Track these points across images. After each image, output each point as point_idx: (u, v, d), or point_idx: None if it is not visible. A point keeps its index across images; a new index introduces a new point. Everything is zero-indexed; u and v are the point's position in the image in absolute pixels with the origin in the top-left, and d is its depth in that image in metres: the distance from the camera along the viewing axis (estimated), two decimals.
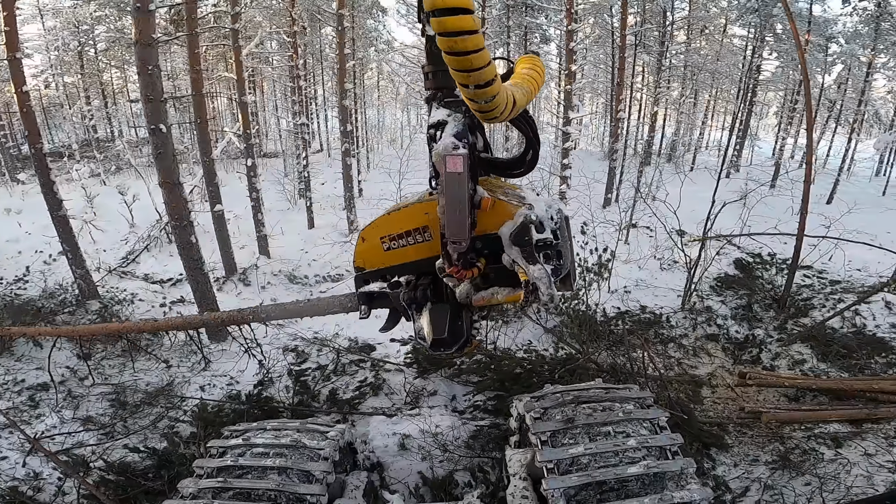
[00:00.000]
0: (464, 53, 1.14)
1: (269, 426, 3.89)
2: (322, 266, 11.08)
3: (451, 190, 1.62)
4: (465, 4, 1.11)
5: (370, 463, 5.08)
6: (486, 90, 1.23)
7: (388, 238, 1.91)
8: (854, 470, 5.38)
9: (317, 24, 21.42)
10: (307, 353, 7.44)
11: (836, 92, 25.75)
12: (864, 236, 10.57)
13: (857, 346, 7.82)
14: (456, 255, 1.73)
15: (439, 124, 1.73)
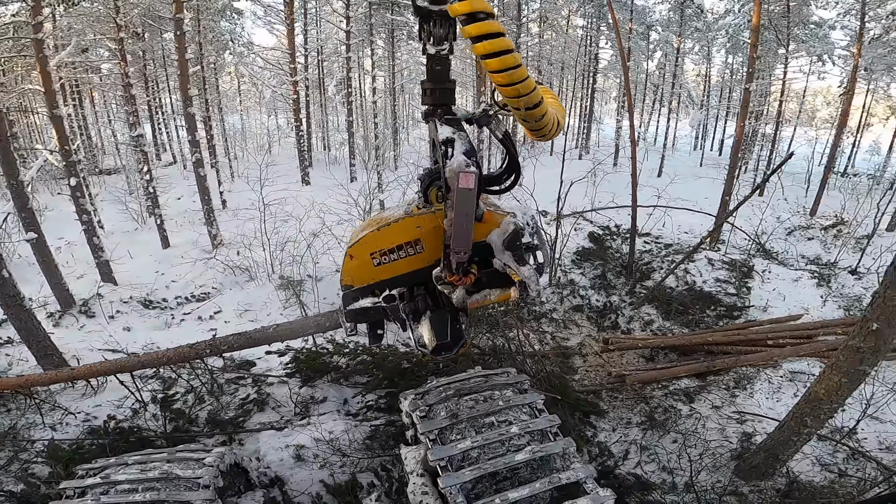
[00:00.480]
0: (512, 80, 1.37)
1: (132, 460, 3.60)
2: (183, 286, 10.08)
3: (461, 205, 1.70)
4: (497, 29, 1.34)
5: (268, 479, 4.89)
6: (535, 111, 1.42)
7: (379, 253, 1.91)
8: (708, 423, 6.24)
9: (156, 28, 19.23)
10: (174, 378, 6.75)
11: (658, 76, 29.63)
12: (686, 203, 12.36)
13: (691, 302, 9.13)
14: (455, 265, 1.83)
15: (449, 142, 1.80)
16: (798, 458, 5.55)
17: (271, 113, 32.04)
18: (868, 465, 5.55)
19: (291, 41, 17.60)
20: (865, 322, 4.01)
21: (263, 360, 7.33)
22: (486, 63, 1.42)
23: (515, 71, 1.41)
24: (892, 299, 3.73)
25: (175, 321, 8.80)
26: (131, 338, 7.98)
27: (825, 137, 26.32)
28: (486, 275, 1.98)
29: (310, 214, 10.07)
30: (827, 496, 5.05)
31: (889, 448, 5.83)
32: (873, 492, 5.07)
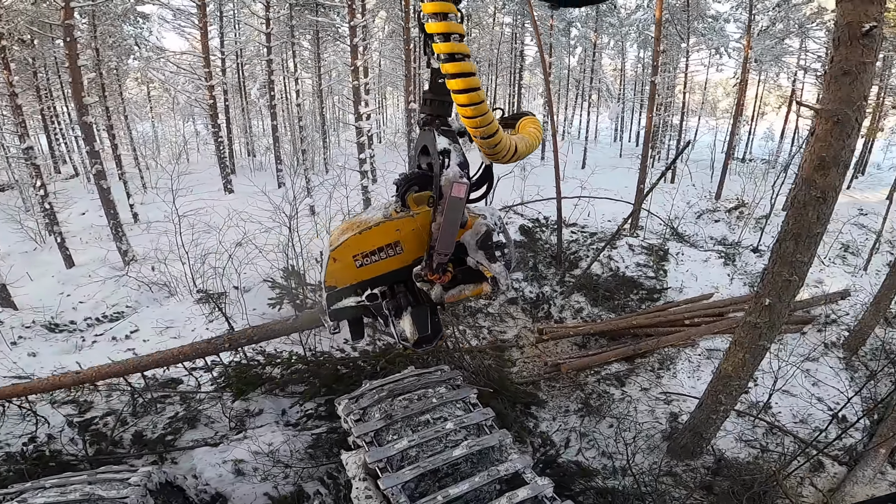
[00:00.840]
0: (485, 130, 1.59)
1: (49, 483, 3.38)
2: (93, 307, 9.34)
3: (451, 212, 1.88)
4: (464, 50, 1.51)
5: (208, 496, 4.76)
6: (498, 151, 1.62)
7: (361, 255, 2.03)
8: (639, 406, 6.57)
9: (46, 35, 17.47)
10: (90, 402, 6.25)
11: (580, 72, 30.99)
12: (608, 192, 13.03)
13: (616, 288, 9.63)
14: (434, 265, 1.99)
15: (446, 152, 1.97)
16: (722, 435, 5.91)
17: (188, 119, 30.19)
18: (786, 438, 6.00)
19: (205, 45, 16.72)
20: (759, 298, 4.34)
21: (190, 377, 7.01)
22: (452, 83, 1.57)
23: (476, 93, 1.58)
24: (779, 275, 4.08)
25: (86, 343, 8.18)
26: (38, 363, 7.35)
27: (726, 126, 28.74)
28: (461, 272, 2.14)
29: (230, 224, 9.59)
30: (752, 471, 5.37)
31: (803, 420, 6.35)
32: (793, 465, 5.43)
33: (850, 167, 3.41)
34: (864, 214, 14.74)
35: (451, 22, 1.55)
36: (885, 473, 5.66)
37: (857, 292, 9.40)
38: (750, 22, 17.20)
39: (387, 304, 2.15)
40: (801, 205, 3.56)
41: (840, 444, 5.95)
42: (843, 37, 2.98)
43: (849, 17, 2.94)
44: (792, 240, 3.76)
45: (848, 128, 3.07)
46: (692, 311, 8.54)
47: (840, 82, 3.01)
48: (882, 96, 19.48)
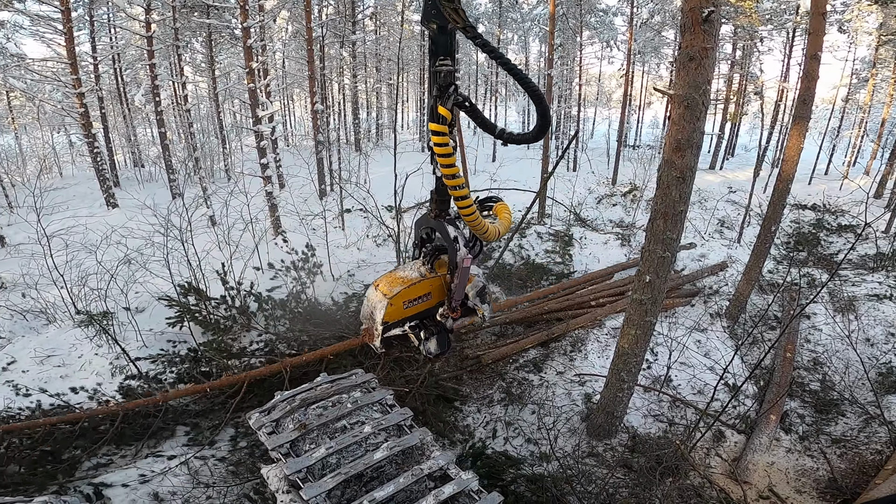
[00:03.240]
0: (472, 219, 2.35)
1: None
2: None
3: (463, 276, 2.70)
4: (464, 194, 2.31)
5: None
6: (480, 231, 2.41)
7: (407, 301, 2.82)
8: (557, 389, 6.81)
9: None
10: None
11: (488, 68, 31.75)
12: (517, 183, 13.51)
13: (528, 275, 10.01)
14: (454, 305, 2.87)
15: (456, 239, 2.71)
16: (633, 410, 6.26)
17: (57, 129, 26.95)
18: (688, 410, 6.47)
19: (71, 51, 14.98)
20: (640, 276, 4.66)
21: (83, 403, 6.45)
22: (458, 203, 2.32)
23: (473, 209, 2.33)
24: (654, 252, 4.41)
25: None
26: None
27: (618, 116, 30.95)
28: (464, 310, 3.05)
29: (110, 242, 8.68)
30: (663, 445, 5.73)
31: (700, 391, 6.81)
32: (697, 436, 5.80)
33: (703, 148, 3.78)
34: (734, 192, 16.55)
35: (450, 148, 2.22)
36: (779, 440, 6.12)
37: (735, 263, 10.46)
38: (632, 15, 18.52)
39: (424, 333, 3.03)
40: (665, 185, 3.88)
41: (735, 413, 6.40)
42: (687, 23, 3.27)
43: (691, 3, 3.23)
44: (661, 218, 4.09)
45: (697, 111, 3.39)
46: (596, 293, 9.04)
47: (687, 68, 3.31)
48: (744, 83, 21.96)
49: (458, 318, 3.14)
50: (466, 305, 3.18)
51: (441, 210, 2.85)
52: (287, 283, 8.48)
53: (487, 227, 2.59)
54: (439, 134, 2.32)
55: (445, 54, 2.56)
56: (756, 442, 5.89)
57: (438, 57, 2.53)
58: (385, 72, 28.62)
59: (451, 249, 2.88)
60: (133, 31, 19.09)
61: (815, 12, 6.32)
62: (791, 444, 6.11)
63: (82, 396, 6.58)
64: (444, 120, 2.36)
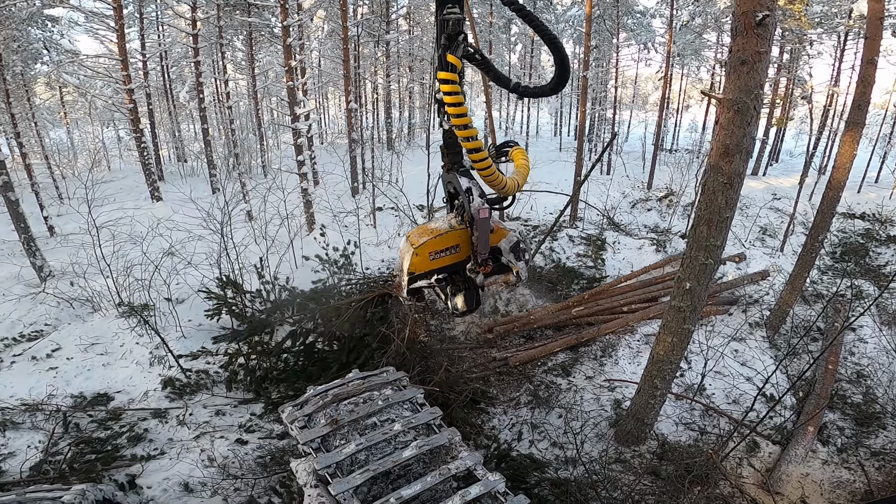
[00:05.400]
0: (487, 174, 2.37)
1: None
2: (9, 327, 8.57)
3: (482, 227, 2.64)
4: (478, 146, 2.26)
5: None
6: (496, 186, 2.37)
7: (434, 252, 2.78)
8: (585, 394, 6.70)
9: None
10: (17, 423, 6.01)
11: (521, 68, 31.56)
12: (549, 186, 13.35)
13: (558, 279, 9.87)
14: (482, 259, 2.81)
15: (469, 190, 2.67)
16: (663, 418, 6.11)
17: (107, 124, 28.19)
18: (721, 419, 6.26)
19: (122, 47, 15.62)
20: (680, 282, 4.52)
21: (125, 392, 6.78)
22: (471, 156, 2.31)
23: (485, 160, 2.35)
24: (696, 259, 4.28)
25: (4, 364, 7.57)
26: None
27: (655, 119, 30.24)
28: (496, 266, 2.99)
29: (155, 234, 9.03)
30: (693, 454, 5.58)
31: (736, 401, 6.62)
32: (730, 446, 5.66)
33: (752, 154, 3.66)
34: (778, 199, 15.94)
35: (461, 97, 2.13)
36: (816, 451, 5.91)
37: (776, 273, 10.09)
38: (672, 17, 18.08)
39: (451, 288, 2.98)
40: (710, 191, 3.77)
41: (771, 423, 6.21)
42: (739, 27, 3.16)
43: (744, 7, 3.13)
44: (705, 225, 3.97)
45: (748, 116, 3.27)
46: (628, 298, 8.87)
47: (738, 72, 3.20)
48: (791, 87, 21.12)
49: (490, 274, 3.08)
50: (500, 262, 3.10)
51: (454, 163, 2.81)
52: (326, 279, 8.63)
53: (504, 180, 2.53)
54: (449, 82, 2.21)
55: (454, 2, 2.41)
56: (791, 453, 5.72)
57: (446, 5, 2.39)
58: (418, 71, 28.78)
59: (465, 201, 2.80)
60: (180, 29, 19.76)
61: (873, 17, 6.09)
62: (828, 456, 5.90)
63: (122, 384, 6.86)
64: (453, 68, 2.25)
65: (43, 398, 6.50)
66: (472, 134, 2.25)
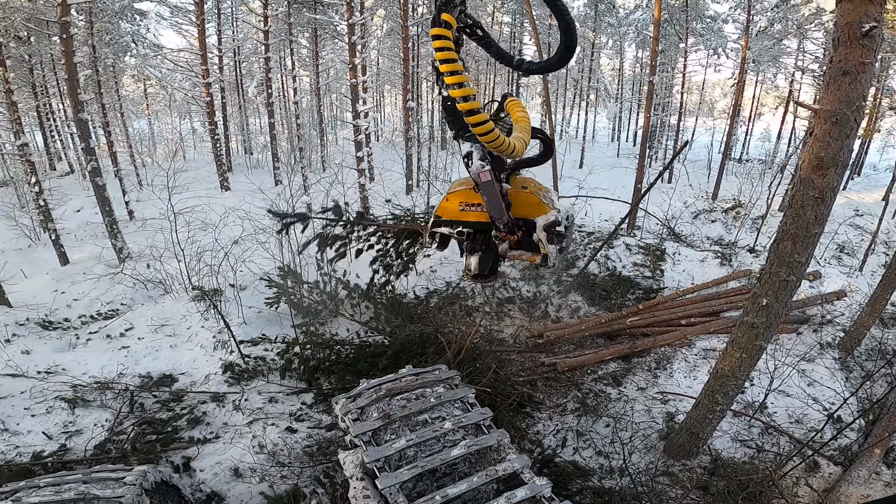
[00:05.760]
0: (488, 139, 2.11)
1: (44, 483, 3.37)
2: (88, 305, 9.26)
3: (486, 191, 2.53)
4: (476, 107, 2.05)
5: (203, 495, 4.83)
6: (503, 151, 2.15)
7: (465, 203, 2.76)
8: (636, 405, 6.54)
9: (43, 32, 17.37)
10: (88, 401, 6.32)
11: (578, 72, 30.98)
12: (605, 192, 13.02)
13: (613, 287, 9.63)
14: (503, 226, 2.68)
15: (469, 154, 2.57)
16: (718, 434, 5.88)
17: (184, 116, 30.05)
18: (781, 438, 5.98)
19: (202, 42, 16.61)
20: (756, 298, 4.32)
21: (188, 374, 7.07)
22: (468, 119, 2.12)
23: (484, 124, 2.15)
24: (777, 275, 4.07)
25: (80, 341, 8.09)
26: (31, 361, 7.29)
27: (723, 127, 28.80)
28: (526, 242, 2.89)
29: (226, 222, 9.53)
30: (748, 472, 5.35)
31: (798, 420, 6.30)
32: (788, 465, 5.42)
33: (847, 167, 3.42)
34: (859, 215, 14.78)
35: (454, 54, 2.02)
36: (879, 474, 5.62)
37: (853, 293, 9.41)
38: (748, 22, 17.19)
39: (467, 245, 2.93)
40: (799, 205, 3.55)
41: (835, 445, 5.93)
42: (842, 37, 2.97)
43: (848, 17, 2.94)
44: (790, 240, 3.76)
45: (846, 128, 3.06)
46: (688, 311, 8.54)
47: (839, 82, 3.00)
48: (879, 97, 19.54)
49: (517, 247, 2.93)
50: (530, 238, 2.93)
51: (458, 128, 2.62)
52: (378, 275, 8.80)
53: (508, 142, 2.32)
54: (442, 38, 2.04)
55: None
56: (854, 474, 5.40)
57: None
58: (474, 72, 28.81)
59: (466, 166, 2.66)
60: (252, 25, 20.72)
61: None
62: (892, 479, 5.52)
63: (186, 366, 7.15)
64: (447, 25, 2.12)
65: (113, 377, 6.81)
66: (467, 93, 2.06)
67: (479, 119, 2.07)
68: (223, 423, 5.99)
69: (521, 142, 2.41)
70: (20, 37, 17.09)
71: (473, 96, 2.11)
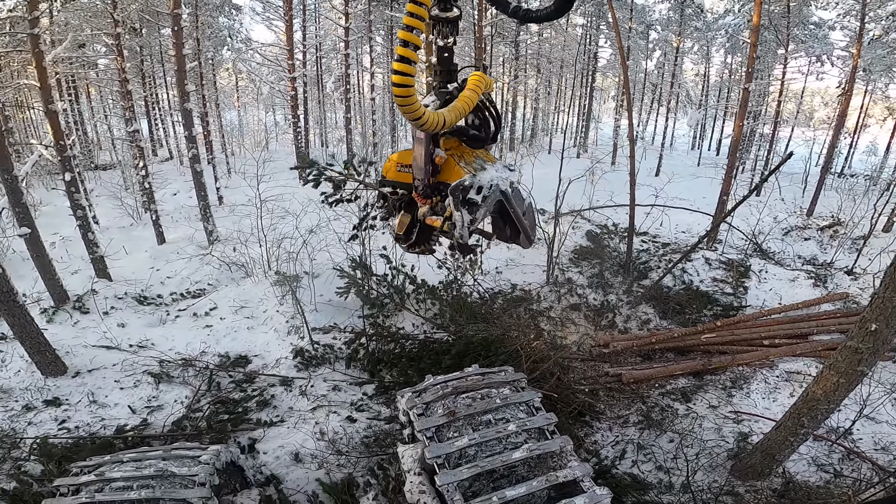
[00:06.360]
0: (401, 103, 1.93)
1: (127, 458, 3.58)
2: (179, 283, 10.02)
3: (416, 151, 2.45)
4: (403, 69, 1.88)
5: (263, 477, 4.94)
6: (418, 122, 2.05)
7: (400, 164, 2.71)
8: (705, 423, 6.24)
9: (154, 24, 19.12)
10: (171, 376, 6.78)
11: (657, 76, 29.60)
12: (684, 202, 12.37)
13: (688, 301, 9.15)
14: (421, 188, 2.60)
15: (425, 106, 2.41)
16: (794, 458, 5.54)
17: (269, 109, 31.87)
18: (863, 465, 5.56)
19: (290, 37, 17.51)
20: (864, 322, 4.00)
21: (261, 356, 7.39)
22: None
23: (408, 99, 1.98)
24: (891, 300, 3.73)
25: (170, 318, 8.72)
26: (125, 334, 7.96)
27: (822, 138, 26.36)
28: (436, 207, 2.78)
29: (306, 211, 10.00)
30: (823, 496, 5.04)
31: (885, 448, 5.84)
32: (869, 493, 5.05)
33: None
34: None
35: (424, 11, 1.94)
36: None
37: None
38: (861, 30, 15.65)
39: (393, 201, 2.90)
40: None
41: None
42: None
43: None
44: None
45: None
46: (772, 332, 8.00)
47: None
48: None
49: (427, 210, 2.81)
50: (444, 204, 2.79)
51: (440, 82, 2.59)
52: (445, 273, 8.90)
53: (422, 112, 2.12)
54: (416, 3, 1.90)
55: None
56: None
57: None
58: (546, 73, 28.29)
59: None
60: (333, 21, 21.54)
61: None
62: None
63: (260, 349, 7.50)
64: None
65: (196, 355, 7.25)
66: (407, 54, 1.93)
67: (401, 80, 1.95)
68: (289, 408, 6.18)
69: (437, 117, 2.27)
70: (135, 28, 18.79)
71: (414, 61, 1.99)
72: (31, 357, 6.71)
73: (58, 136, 9.11)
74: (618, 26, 10.34)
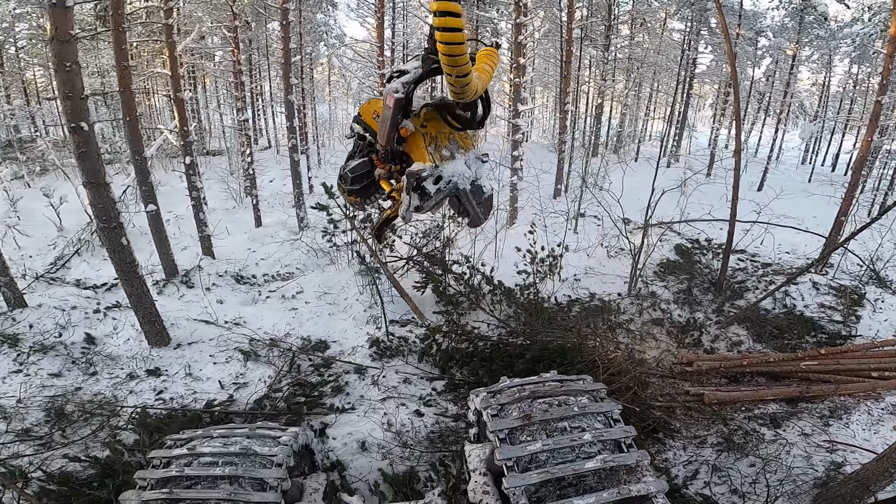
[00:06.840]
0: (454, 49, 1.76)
1: (217, 433, 3.71)
2: (271, 265, 10.72)
3: (384, 115, 2.46)
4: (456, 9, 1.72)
5: (329, 463, 5.05)
6: (464, 79, 1.87)
7: (375, 112, 2.73)
8: (793, 450, 5.75)
9: (262, 18, 20.66)
10: (258, 355, 7.19)
11: (765, 84, 27.25)
12: (791, 221, 11.29)
13: (788, 326, 8.38)
14: (381, 152, 2.65)
15: (402, 72, 2.48)
16: (889, 490, 4.96)
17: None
18: None
19: (381, 34, 18.09)
20: None
21: (338, 343, 7.63)
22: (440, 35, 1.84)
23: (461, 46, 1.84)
24: None
25: (261, 298, 9.23)
26: (222, 310, 8.52)
27: None
28: (397, 177, 2.85)
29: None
30: None
31: None
32: None
33: None
34: None
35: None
36: None
37: None
38: None
39: (359, 145, 2.93)
40: None
41: None
42: None
43: None
44: None
45: None
46: (883, 363, 7.21)
47: None
48: None
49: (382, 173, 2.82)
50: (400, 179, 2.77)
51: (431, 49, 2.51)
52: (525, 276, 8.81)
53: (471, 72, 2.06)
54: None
55: None
56: None
57: None
58: (637, 76, 26.97)
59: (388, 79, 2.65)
60: (421, 19, 21.89)
61: None
62: None
63: (338, 335, 7.76)
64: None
65: (282, 336, 7.60)
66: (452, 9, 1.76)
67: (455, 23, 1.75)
68: (360, 396, 6.32)
69: (479, 83, 2.21)
70: (248, 21, 20.39)
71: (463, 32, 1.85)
72: (142, 326, 7.09)
73: (182, 122, 10.12)
74: (727, 31, 9.61)
